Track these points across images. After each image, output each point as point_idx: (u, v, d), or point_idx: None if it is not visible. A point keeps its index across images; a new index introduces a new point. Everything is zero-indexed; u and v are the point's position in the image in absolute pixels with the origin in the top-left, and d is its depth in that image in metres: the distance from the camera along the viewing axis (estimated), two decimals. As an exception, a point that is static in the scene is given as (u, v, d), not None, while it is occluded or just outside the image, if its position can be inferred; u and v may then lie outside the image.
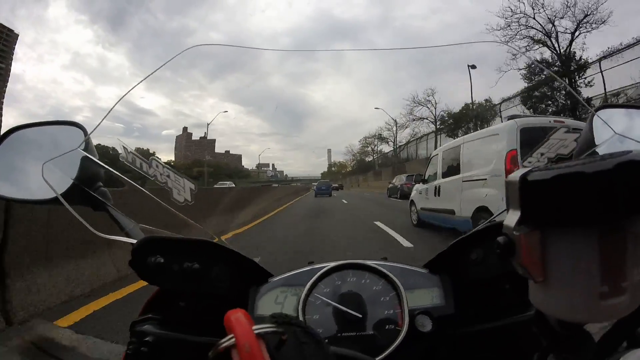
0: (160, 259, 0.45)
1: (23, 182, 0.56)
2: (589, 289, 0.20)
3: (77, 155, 0.52)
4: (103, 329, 2.06)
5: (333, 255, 0.94)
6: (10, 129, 0.58)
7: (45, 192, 0.49)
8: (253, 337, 0.22)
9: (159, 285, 0.48)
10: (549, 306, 0.22)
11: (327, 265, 0.51)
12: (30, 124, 0.60)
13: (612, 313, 0.21)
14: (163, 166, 0.53)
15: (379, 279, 0.50)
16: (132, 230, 0.51)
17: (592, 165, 0.19)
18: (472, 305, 0.49)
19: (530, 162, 0.54)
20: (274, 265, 0.58)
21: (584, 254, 0.20)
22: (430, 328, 0.46)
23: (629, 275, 0.20)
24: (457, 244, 0.50)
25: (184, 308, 0.49)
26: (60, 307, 2.40)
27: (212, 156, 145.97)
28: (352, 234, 5.71)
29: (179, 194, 0.52)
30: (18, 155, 0.58)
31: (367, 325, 0.47)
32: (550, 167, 0.21)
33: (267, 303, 0.50)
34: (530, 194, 0.21)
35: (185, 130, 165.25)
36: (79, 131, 0.55)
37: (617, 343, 0.26)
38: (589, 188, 0.19)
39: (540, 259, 0.21)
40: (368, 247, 4.55)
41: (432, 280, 0.51)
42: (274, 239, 5.24)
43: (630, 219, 0.20)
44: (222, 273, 0.48)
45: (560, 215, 0.20)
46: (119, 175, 0.54)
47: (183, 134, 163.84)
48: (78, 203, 0.52)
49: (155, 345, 0.43)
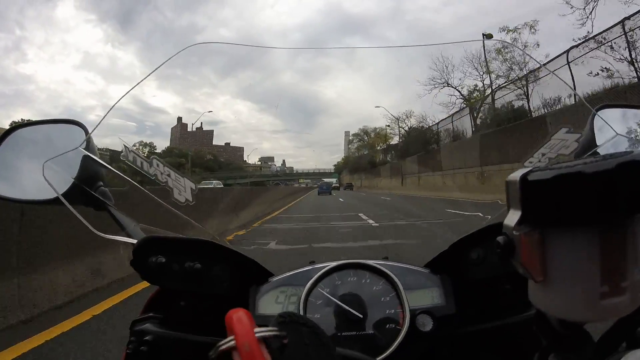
0: (161, 258, 0.45)
1: (24, 182, 0.56)
2: (589, 288, 0.20)
3: (78, 155, 0.52)
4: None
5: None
6: (11, 128, 0.58)
7: (46, 192, 0.49)
8: (254, 337, 0.22)
9: (159, 285, 0.48)
10: (549, 306, 0.22)
11: (328, 265, 0.51)
12: (31, 122, 0.60)
13: (612, 313, 0.21)
14: (164, 165, 0.53)
15: (380, 278, 0.50)
16: (132, 230, 0.51)
17: (592, 165, 0.19)
18: (473, 305, 0.49)
19: (531, 162, 0.54)
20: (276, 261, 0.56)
21: (584, 253, 0.20)
22: (430, 328, 0.46)
23: (629, 275, 0.20)
24: (457, 243, 0.50)
25: (184, 307, 0.49)
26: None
27: (210, 148, 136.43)
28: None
29: (179, 194, 0.52)
30: (19, 154, 0.58)
31: (368, 324, 0.47)
32: (551, 166, 0.21)
33: (267, 302, 0.50)
34: (530, 194, 0.21)
35: (179, 120, 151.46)
36: (80, 130, 0.55)
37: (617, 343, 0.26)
38: (589, 188, 0.19)
39: (540, 258, 0.21)
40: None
41: (432, 280, 0.51)
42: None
43: (631, 219, 0.20)
44: (223, 273, 0.48)
45: (561, 215, 0.20)
46: (120, 174, 0.54)
47: (177, 124, 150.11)
48: (79, 203, 0.52)
49: (156, 344, 0.43)
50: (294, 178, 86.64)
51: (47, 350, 1.89)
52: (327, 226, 7.19)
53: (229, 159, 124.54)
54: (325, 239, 5.54)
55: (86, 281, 2.78)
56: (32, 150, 0.59)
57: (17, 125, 0.59)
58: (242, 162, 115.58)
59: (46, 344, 1.94)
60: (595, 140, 0.51)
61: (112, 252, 3.03)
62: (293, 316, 0.27)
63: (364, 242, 5.05)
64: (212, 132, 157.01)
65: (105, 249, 2.99)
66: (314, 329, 0.26)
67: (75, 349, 1.87)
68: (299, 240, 5.32)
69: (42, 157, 0.49)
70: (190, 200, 0.52)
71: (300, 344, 0.25)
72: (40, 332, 2.05)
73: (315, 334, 0.26)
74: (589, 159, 0.20)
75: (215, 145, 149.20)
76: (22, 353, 1.85)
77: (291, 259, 3.93)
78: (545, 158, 0.53)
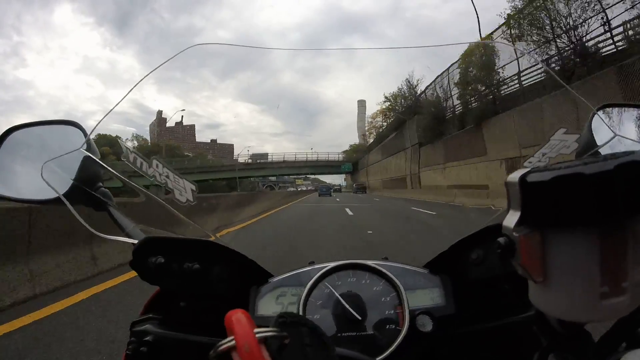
0: (160, 259, 0.45)
1: (23, 182, 0.56)
2: (589, 289, 0.20)
3: (77, 155, 0.52)
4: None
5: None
6: (10, 129, 0.58)
7: (46, 193, 0.49)
8: (253, 338, 0.22)
9: (159, 285, 0.48)
10: (549, 306, 0.22)
11: (328, 265, 0.51)
12: (29, 123, 0.60)
13: (612, 313, 0.21)
14: (163, 166, 0.53)
15: (380, 279, 0.50)
16: (132, 231, 0.51)
17: (592, 166, 0.19)
18: (473, 305, 0.49)
19: (530, 162, 0.54)
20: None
21: (584, 254, 0.20)
22: (430, 328, 0.46)
23: (629, 275, 0.20)
24: (457, 244, 0.50)
25: (184, 308, 0.49)
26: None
27: (193, 145, 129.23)
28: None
29: (180, 194, 0.52)
30: (18, 154, 0.57)
31: (368, 325, 0.47)
32: (550, 167, 0.21)
33: (267, 303, 0.50)
34: (530, 195, 0.21)
35: (160, 114, 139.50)
36: (78, 131, 0.55)
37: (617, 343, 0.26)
38: (589, 189, 0.19)
39: (540, 259, 0.21)
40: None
41: (432, 280, 0.51)
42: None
43: (631, 220, 0.20)
44: (223, 273, 0.48)
45: (560, 216, 0.20)
46: (119, 175, 0.54)
47: (156, 119, 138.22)
48: (79, 203, 0.52)
49: (155, 345, 0.43)
50: (287, 174, 62.46)
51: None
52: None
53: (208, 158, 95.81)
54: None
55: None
56: (31, 151, 0.59)
57: (16, 125, 0.59)
58: (227, 161, 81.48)
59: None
60: (595, 140, 0.50)
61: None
62: (293, 316, 0.26)
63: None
64: (193, 127, 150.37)
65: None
66: (314, 330, 0.26)
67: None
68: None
69: (41, 157, 0.49)
70: (191, 201, 0.52)
71: (300, 344, 0.25)
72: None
73: (315, 334, 0.26)
74: (589, 160, 0.20)
75: (200, 143, 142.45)
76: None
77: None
78: (545, 158, 0.53)
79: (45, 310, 2.40)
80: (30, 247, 2.76)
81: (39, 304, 2.50)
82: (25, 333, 2.06)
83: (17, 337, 2.01)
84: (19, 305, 2.48)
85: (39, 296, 2.65)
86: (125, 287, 2.87)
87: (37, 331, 2.08)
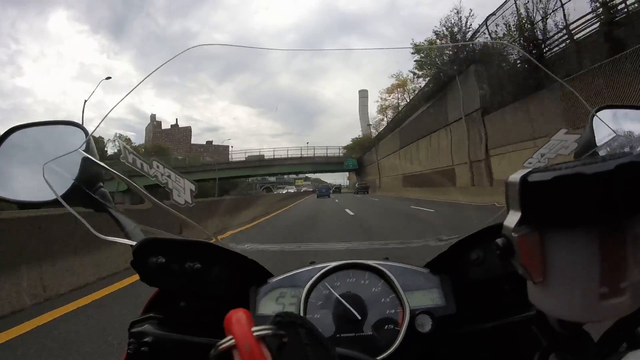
0: (161, 259, 0.45)
1: (23, 183, 0.56)
2: (589, 289, 0.20)
3: (77, 156, 0.52)
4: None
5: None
6: (10, 129, 0.57)
7: (46, 194, 0.49)
8: (253, 337, 0.22)
9: (159, 286, 0.48)
10: (549, 306, 0.22)
11: (328, 265, 0.51)
12: (30, 123, 0.60)
13: (612, 313, 0.21)
14: (164, 167, 0.53)
15: (379, 279, 0.50)
16: (132, 232, 0.51)
17: (592, 166, 0.19)
18: (473, 305, 0.49)
19: (530, 162, 0.54)
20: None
21: (584, 254, 0.20)
22: (430, 328, 0.46)
23: (629, 275, 0.20)
24: (457, 244, 0.50)
25: (184, 308, 0.49)
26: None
27: (189, 147, 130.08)
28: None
29: (179, 195, 0.52)
30: (18, 155, 0.57)
31: (367, 325, 0.47)
32: (551, 168, 0.21)
33: (267, 303, 0.50)
34: (530, 195, 0.21)
35: (153, 118, 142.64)
36: (79, 131, 0.55)
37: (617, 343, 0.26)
38: (589, 189, 0.19)
39: (540, 259, 0.21)
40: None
41: (432, 280, 0.51)
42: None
43: (630, 220, 0.20)
44: (223, 273, 0.48)
45: (560, 216, 0.20)
46: (120, 175, 0.54)
47: (150, 122, 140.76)
48: (79, 204, 0.52)
49: (156, 345, 0.43)
50: (284, 173, 55.28)
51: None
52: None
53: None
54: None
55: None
56: (32, 151, 0.58)
57: (17, 125, 0.59)
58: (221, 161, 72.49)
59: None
60: (594, 140, 0.51)
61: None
62: (290, 316, 0.27)
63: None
64: (189, 128, 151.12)
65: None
66: (311, 330, 0.26)
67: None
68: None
69: (41, 158, 0.49)
70: (189, 202, 0.52)
71: (299, 343, 0.25)
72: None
73: (312, 333, 0.26)
74: (589, 160, 0.20)
75: (195, 145, 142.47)
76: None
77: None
78: (544, 159, 0.53)
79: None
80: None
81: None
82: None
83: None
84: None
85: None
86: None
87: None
